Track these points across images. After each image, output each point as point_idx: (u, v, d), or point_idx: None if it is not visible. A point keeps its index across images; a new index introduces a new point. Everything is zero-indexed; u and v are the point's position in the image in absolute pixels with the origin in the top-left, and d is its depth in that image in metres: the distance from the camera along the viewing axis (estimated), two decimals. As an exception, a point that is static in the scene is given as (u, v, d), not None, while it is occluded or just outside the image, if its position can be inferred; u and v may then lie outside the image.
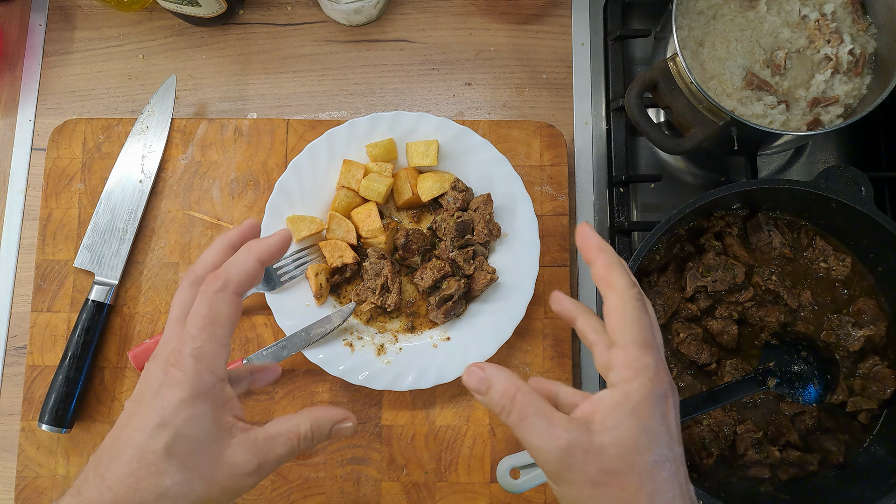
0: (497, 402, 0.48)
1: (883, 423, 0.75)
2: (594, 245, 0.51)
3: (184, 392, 0.48)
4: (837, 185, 0.73)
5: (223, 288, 0.50)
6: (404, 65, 0.90)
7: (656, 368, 0.47)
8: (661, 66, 0.74)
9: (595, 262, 0.50)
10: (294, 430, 0.52)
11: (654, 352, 0.47)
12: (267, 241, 0.53)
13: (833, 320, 0.77)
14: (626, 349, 0.47)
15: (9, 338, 0.82)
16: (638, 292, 0.49)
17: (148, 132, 0.84)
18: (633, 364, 0.46)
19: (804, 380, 0.74)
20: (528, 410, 0.47)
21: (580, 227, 0.52)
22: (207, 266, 0.53)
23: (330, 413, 0.55)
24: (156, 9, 0.90)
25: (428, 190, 0.80)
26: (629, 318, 0.48)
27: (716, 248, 0.78)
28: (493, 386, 0.49)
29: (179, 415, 0.47)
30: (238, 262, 0.51)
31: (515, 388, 0.48)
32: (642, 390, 0.46)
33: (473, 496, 0.78)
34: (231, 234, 0.55)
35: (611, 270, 0.49)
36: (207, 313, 0.49)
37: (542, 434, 0.46)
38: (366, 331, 0.80)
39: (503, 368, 0.50)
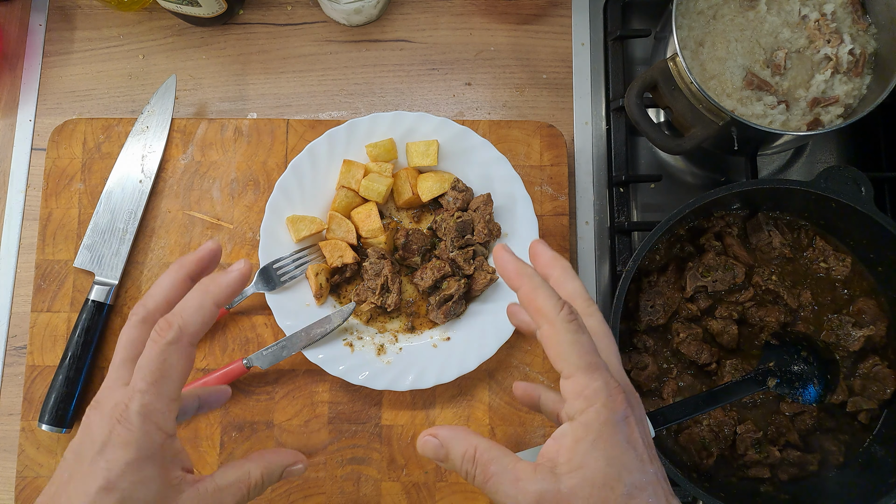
0: (459, 468, 0.47)
1: (883, 423, 0.75)
2: (512, 269, 0.47)
3: (130, 454, 0.45)
4: (837, 185, 0.73)
5: (177, 340, 0.46)
6: (404, 65, 0.90)
7: (608, 391, 0.44)
8: (661, 66, 0.74)
9: (518, 289, 0.47)
10: (244, 479, 0.51)
11: (601, 372, 0.44)
12: (225, 281, 0.48)
13: (833, 320, 0.77)
14: (574, 378, 0.44)
15: (9, 338, 0.82)
16: (568, 312, 0.45)
17: (148, 132, 0.84)
18: (583, 392, 0.44)
19: (804, 380, 0.74)
20: (490, 469, 0.45)
21: (495, 252, 0.49)
22: (160, 302, 0.50)
23: (280, 458, 0.54)
24: (156, 9, 0.90)
25: (428, 190, 0.80)
26: (566, 343, 0.44)
27: (716, 248, 0.78)
28: (451, 451, 0.47)
29: (126, 478, 0.45)
30: (192, 307, 0.47)
31: (473, 447, 0.46)
32: (599, 418, 0.43)
33: (473, 496, 0.78)
34: (188, 261, 0.51)
35: (536, 295, 0.46)
36: (159, 367, 0.46)
37: (510, 492, 0.44)
38: (366, 331, 0.80)
39: (457, 428, 0.48)
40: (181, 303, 0.48)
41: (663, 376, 0.77)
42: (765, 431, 0.75)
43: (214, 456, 0.78)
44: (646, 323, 0.77)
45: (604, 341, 0.49)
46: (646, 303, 0.77)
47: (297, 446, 0.78)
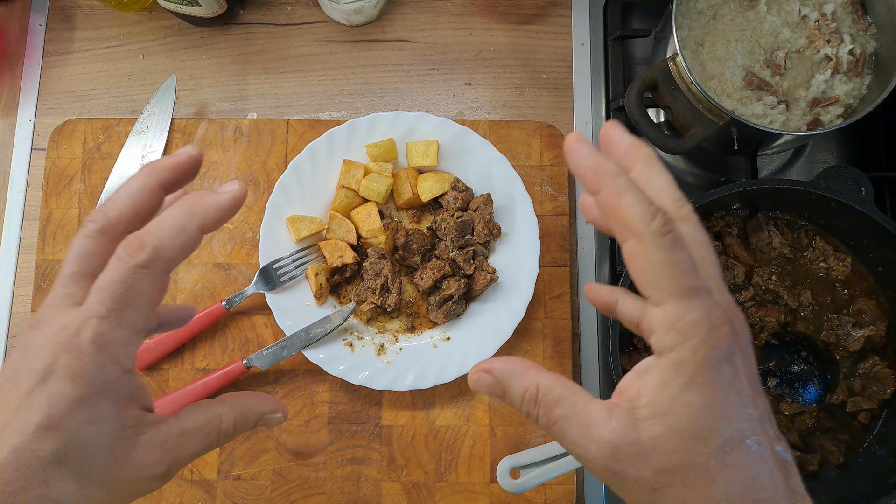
0: (520, 407, 0.40)
1: (883, 423, 0.75)
2: (591, 168, 0.36)
3: (79, 389, 0.37)
4: (837, 185, 0.73)
5: (149, 263, 0.37)
6: (404, 65, 0.90)
7: (709, 322, 0.35)
8: (661, 66, 0.74)
9: (598, 192, 0.36)
10: (215, 423, 0.43)
11: (702, 299, 0.35)
12: (214, 202, 0.39)
13: (833, 320, 0.77)
14: (664, 305, 0.36)
15: (9, 338, 0.82)
16: (662, 223, 0.35)
17: (148, 132, 0.84)
18: (677, 324, 0.35)
19: (804, 380, 0.74)
20: (556, 412, 0.38)
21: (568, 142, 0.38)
22: (124, 211, 0.40)
23: (259, 405, 0.46)
24: (156, 9, 0.90)
25: (428, 190, 0.80)
26: (657, 263, 0.35)
27: (716, 248, 0.78)
28: (508, 389, 0.40)
29: (74, 417, 0.37)
30: (172, 227, 0.38)
31: (535, 385, 0.39)
32: (696, 357, 0.35)
33: (473, 496, 0.78)
34: (162, 166, 0.41)
35: (620, 201, 0.36)
36: (123, 292, 0.37)
37: (579, 441, 0.37)
38: (366, 331, 0.80)
39: (513, 360, 0.41)
40: (158, 220, 0.39)
41: (663, 376, 0.77)
42: (765, 431, 0.75)
43: (214, 456, 0.78)
44: (646, 323, 0.77)
45: (702, 252, 0.39)
46: (646, 303, 0.77)
47: (297, 446, 0.78)
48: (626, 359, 0.77)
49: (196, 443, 0.42)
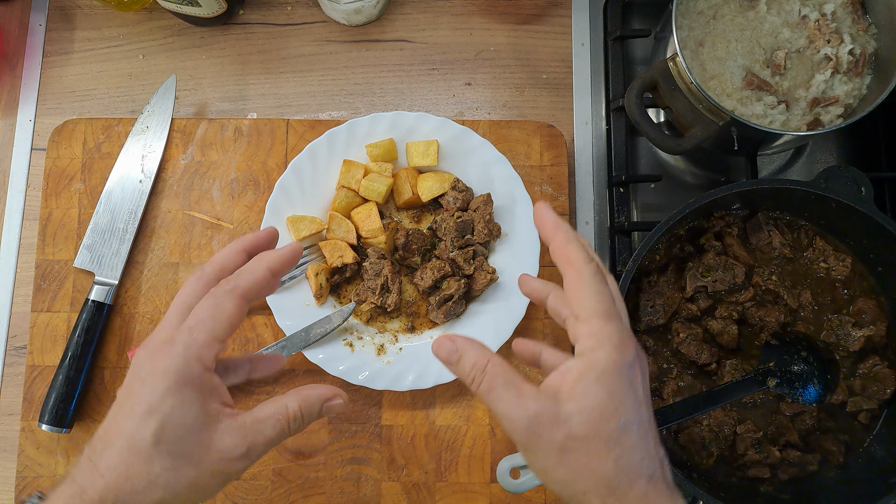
0: (467, 374, 0.49)
1: (883, 423, 0.75)
2: (550, 223, 0.51)
3: (169, 380, 0.48)
4: (837, 185, 0.73)
5: (232, 290, 0.51)
6: (404, 65, 0.90)
7: (620, 337, 0.47)
8: (661, 66, 0.74)
9: (552, 240, 0.51)
10: (282, 411, 0.52)
11: (617, 321, 0.48)
12: (279, 253, 0.54)
13: (833, 320, 0.77)
14: (589, 321, 0.47)
15: (9, 338, 0.82)
16: (596, 266, 0.49)
17: (148, 132, 0.84)
18: (597, 334, 0.47)
19: (804, 380, 0.74)
20: (497, 381, 0.48)
21: (537, 207, 0.52)
22: (217, 266, 0.54)
23: (318, 391, 0.55)
24: (156, 9, 0.90)
25: (428, 190, 0.80)
26: (589, 291, 0.48)
27: (716, 248, 0.78)
28: (464, 357, 0.49)
29: (167, 402, 0.48)
30: (249, 269, 0.53)
31: (486, 359, 0.49)
32: (608, 359, 0.46)
33: (473, 496, 0.78)
34: (247, 238, 0.56)
35: (568, 246, 0.50)
36: (210, 308, 0.50)
37: (511, 403, 0.47)
38: (366, 331, 0.80)
39: (474, 340, 0.50)
40: (240, 269, 0.53)
41: (663, 376, 0.77)
42: (765, 431, 0.75)
43: (214, 456, 0.78)
44: (646, 323, 0.77)
45: (618, 301, 0.51)
46: (646, 303, 0.77)
47: (297, 446, 0.78)
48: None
49: (269, 429, 0.51)
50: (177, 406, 0.48)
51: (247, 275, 0.52)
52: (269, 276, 0.53)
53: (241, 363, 0.61)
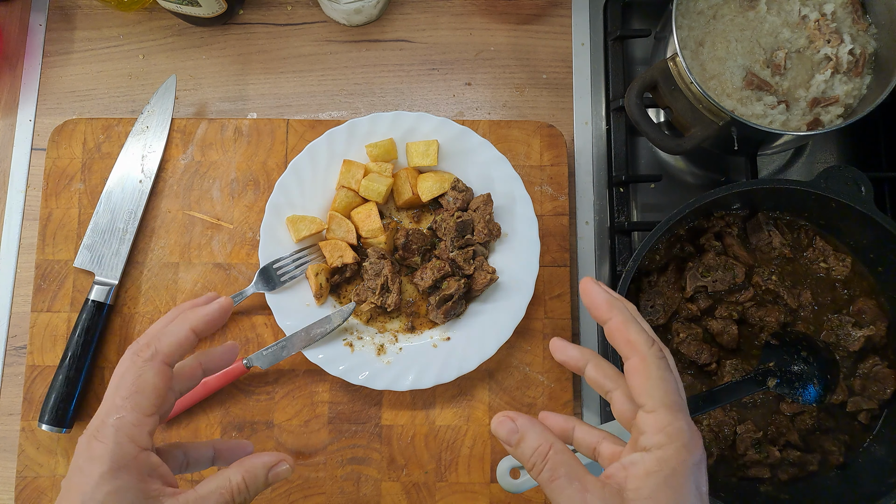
0: (528, 458, 0.48)
1: (883, 423, 0.75)
2: (604, 301, 0.48)
3: (104, 465, 0.47)
4: (837, 185, 0.73)
5: (152, 357, 0.50)
6: (404, 65, 0.90)
7: (690, 433, 0.45)
8: (661, 66, 0.74)
9: (609, 321, 0.48)
10: (225, 485, 0.51)
11: (685, 414, 0.46)
12: (203, 312, 0.53)
13: (833, 320, 0.77)
14: (657, 413, 0.45)
15: (9, 338, 0.82)
16: (659, 349, 0.47)
17: (148, 132, 0.84)
18: (666, 429, 0.45)
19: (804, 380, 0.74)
20: (560, 471, 0.46)
21: (584, 284, 0.49)
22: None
23: (262, 459, 0.53)
24: (156, 9, 0.90)
25: (428, 190, 0.80)
26: (655, 379, 0.46)
27: (716, 248, 0.78)
28: (525, 440, 0.48)
29: (102, 489, 0.46)
30: (170, 331, 0.51)
31: (548, 445, 0.47)
32: (677, 458, 0.44)
33: (473, 496, 0.78)
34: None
35: (628, 328, 0.47)
36: (133, 382, 0.49)
37: (574, 499, 0.45)
38: (366, 331, 0.80)
39: (535, 421, 0.49)
40: (159, 331, 0.52)
41: (663, 376, 0.77)
42: (765, 431, 0.75)
43: (214, 456, 0.78)
44: (646, 323, 0.77)
45: (682, 389, 0.49)
46: (646, 303, 0.77)
47: (297, 446, 0.78)
48: (626, 359, 0.77)
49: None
50: (112, 492, 0.46)
51: (167, 338, 0.51)
52: (193, 338, 0.52)
53: (204, 450, 0.59)
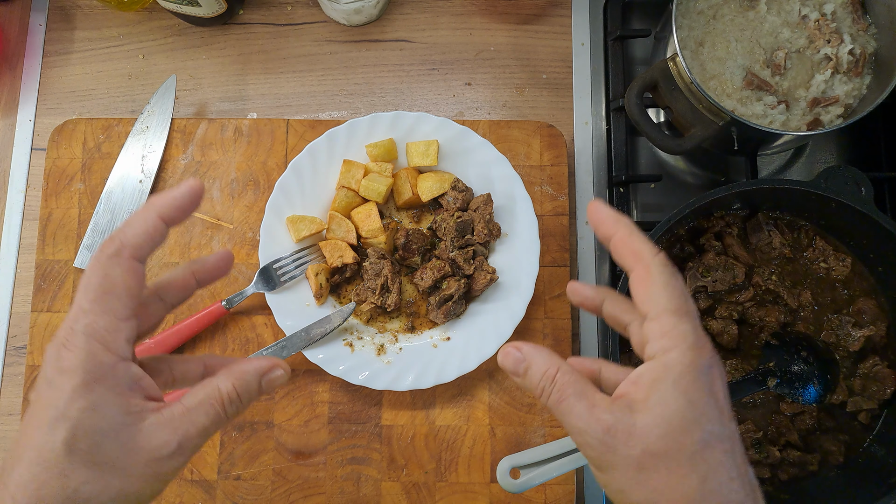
0: (536, 385, 0.45)
1: (883, 423, 0.75)
2: (610, 217, 0.46)
3: (76, 378, 0.40)
4: (837, 185, 0.73)
5: (117, 252, 0.42)
6: (404, 65, 0.90)
7: (696, 336, 0.42)
8: (661, 66, 0.74)
9: (614, 234, 0.46)
10: (215, 395, 0.44)
11: (692, 317, 0.43)
12: (171, 195, 0.44)
13: (833, 320, 0.77)
14: (660, 318, 0.42)
15: (9, 338, 0.82)
16: (664, 258, 0.44)
17: (148, 132, 0.84)
18: (670, 332, 0.42)
19: (804, 380, 0.74)
20: (567, 391, 0.43)
21: (592, 205, 0.47)
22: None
23: (254, 365, 0.47)
24: (156, 9, 0.91)
25: (428, 190, 0.80)
26: (659, 285, 0.43)
27: (716, 248, 0.78)
28: (532, 367, 0.45)
29: (75, 404, 0.40)
30: (135, 221, 0.43)
31: (556, 367, 0.44)
32: (683, 360, 0.41)
33: (473, 496, 0.78)
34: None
35: (632, 238, 0.45)
36: (100, 282, 0.42)
37: (583, 416, 0.42)
38: (366, 331, 0.80)
39: (541, 347, 0.46)
40: (124, 222, 0.44)
41: (663, 376, 0.77)
42: (765, 431, 0.75)
43: (214, 456, 0.78)
44: (646, 323, 0.77)
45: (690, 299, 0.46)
46: (646, 303, 0.77)
47: (297, 446, 0.78)
48: (626, 359, 0.77)
49: (202, 417, 0.43)
50: (87, 409, 0.40)
51: (132, 229, 0.43)
52: (163, 227, 0.44)
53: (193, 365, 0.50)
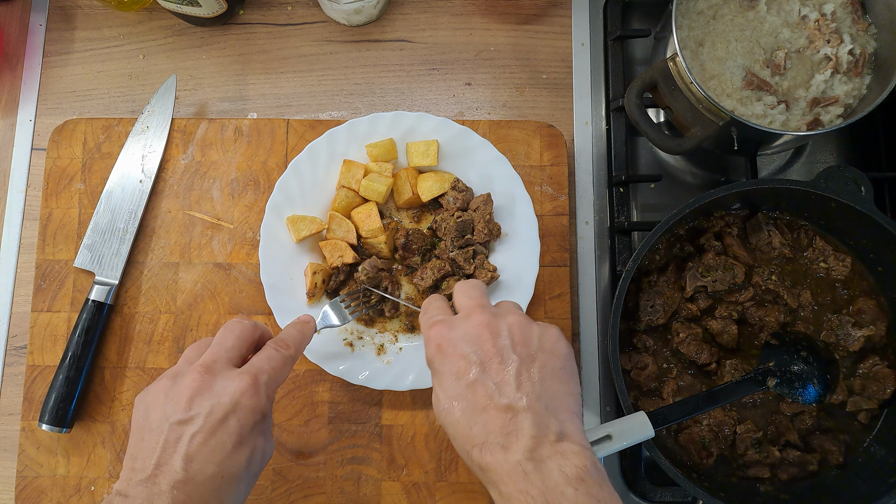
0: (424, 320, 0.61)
1: (883, 423, 0.75)
2: None
3: (258, 416, 0.57)
4: (837, 185, 0.73)
5: (293, 356, 0.63)
6: (404, 65, 0.90)
7: None
8: (661, 66, 0.74)
9: None
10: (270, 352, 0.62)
11: None
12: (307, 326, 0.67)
13: (833, 320, 0.77)
14: None
15: (9, 338, 0.82)
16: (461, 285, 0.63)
17: (148, 132, 0.84)
18: None
19: (804, 380, 0.74)
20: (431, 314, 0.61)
21: None
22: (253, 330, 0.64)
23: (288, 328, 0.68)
24: (156, 9, 0.91)
25: (428, 190, 0.80)
26: None
27: (716, 248, 0.78)
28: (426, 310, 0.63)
29: (255, 432, 0.57)
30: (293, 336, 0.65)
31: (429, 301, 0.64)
32: None
33: (473, 496, 0.78)
34: None
35: None
36: (280, 368, 0.61)
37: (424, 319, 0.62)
38: (366, 331, 0.80)
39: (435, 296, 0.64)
40: (291, 338, 0.64)
41: (663, 376, 0.77)
42: (765, 431, 0.75)
43: (214, 456, 0.78)
44: (646, 323, 0.77)
45: None
46: (646, 303, 0.77)
47: (297, 446, 0.78)
48: (626, 359, 0.77)
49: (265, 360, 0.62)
50: (260, 434, 0.57)
51: (295, 341, 0.64)
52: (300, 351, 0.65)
53: None
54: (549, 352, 0.55)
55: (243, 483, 0.56)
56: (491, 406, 0.51)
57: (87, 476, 0.78)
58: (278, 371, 0.60)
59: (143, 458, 0.54)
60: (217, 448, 0.54)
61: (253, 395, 0.56)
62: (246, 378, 0.57)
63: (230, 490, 0.55)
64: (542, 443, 0.49)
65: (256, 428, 0.56)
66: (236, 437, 0.55)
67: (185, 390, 0.56)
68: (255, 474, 0.58)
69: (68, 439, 0.78)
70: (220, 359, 0.59)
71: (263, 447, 0.57)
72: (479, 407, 0.52)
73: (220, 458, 0.54)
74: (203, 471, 0.53)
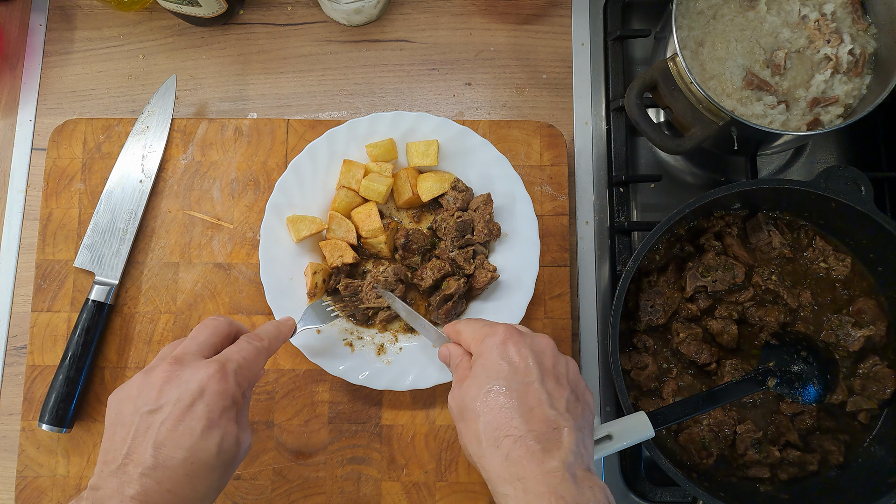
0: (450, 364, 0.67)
1: (883, 423, 0.75)
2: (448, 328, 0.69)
3: (227, 401, 0.57)
4: (837, 185, 0.73)
5: (268, 348, 0.64)
6: (404, 65, 0.90)
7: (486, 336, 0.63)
8: (661, 66, 0.74)
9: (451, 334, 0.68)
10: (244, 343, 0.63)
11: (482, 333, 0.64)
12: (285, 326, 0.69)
13: (833, 320, 0.77)
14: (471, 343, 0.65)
15: (9, 338, 0.82)
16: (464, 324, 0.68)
17: (148, 132, 0.84)
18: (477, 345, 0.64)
19: (804, 380, 0.74)
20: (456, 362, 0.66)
21: None
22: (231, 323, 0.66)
23: None
24: (156, 9, 0.91)
25: (428, 190, 0.80)
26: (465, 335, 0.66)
27: (716, 248, 0.78)
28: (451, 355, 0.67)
29: (224, 417, 0.57)
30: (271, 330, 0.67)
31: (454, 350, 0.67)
32: None
33: (473, 496, 0.78)
34: None
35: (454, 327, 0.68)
36: (253, 358, 0.61)
37: None
38: (366, 331, 0.80)
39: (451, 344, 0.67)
40: (265, 332, 0.65)
41: (663, 376, 0.77)
42: (765, 431, 0.75)
43: (214, 456, 0.78)
44: (646, 323, 0.77)
45: None
46: (646, 303, 0.77)
47: (297, 446, 0.78)
48: (626, 359, 0.77)
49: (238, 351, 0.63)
50: (231, 420, 0.57)
51: (271, 342, 0.65)
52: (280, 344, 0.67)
53: None
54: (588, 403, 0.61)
55: (216, 472, 0.56)
56: (538, 410, 0.56)
57: (87, 476, 0.78)
58: (249, 360, 0.60)
59: (114, 450, 0.55)
60: (186, 433, 0.54)
61: (220, 381, 0.57)
62: (213, 365, 0.58)
63: (202, 477, 0.55)
64: (578, 464, 0.54)
65: (226, 414, 0.57)
66: (205, 421, 0.55)
67: (156, 382, 0.57)
68: (228, 463, 0.57)
69: (68, 439, 0.78)
70: (190, 351, 0.60)
71: (236, 434, 0.57)
72: (528, 405, 0.56)
73: (190, 443, 0.54)
74: (173, 456, 0.53)
